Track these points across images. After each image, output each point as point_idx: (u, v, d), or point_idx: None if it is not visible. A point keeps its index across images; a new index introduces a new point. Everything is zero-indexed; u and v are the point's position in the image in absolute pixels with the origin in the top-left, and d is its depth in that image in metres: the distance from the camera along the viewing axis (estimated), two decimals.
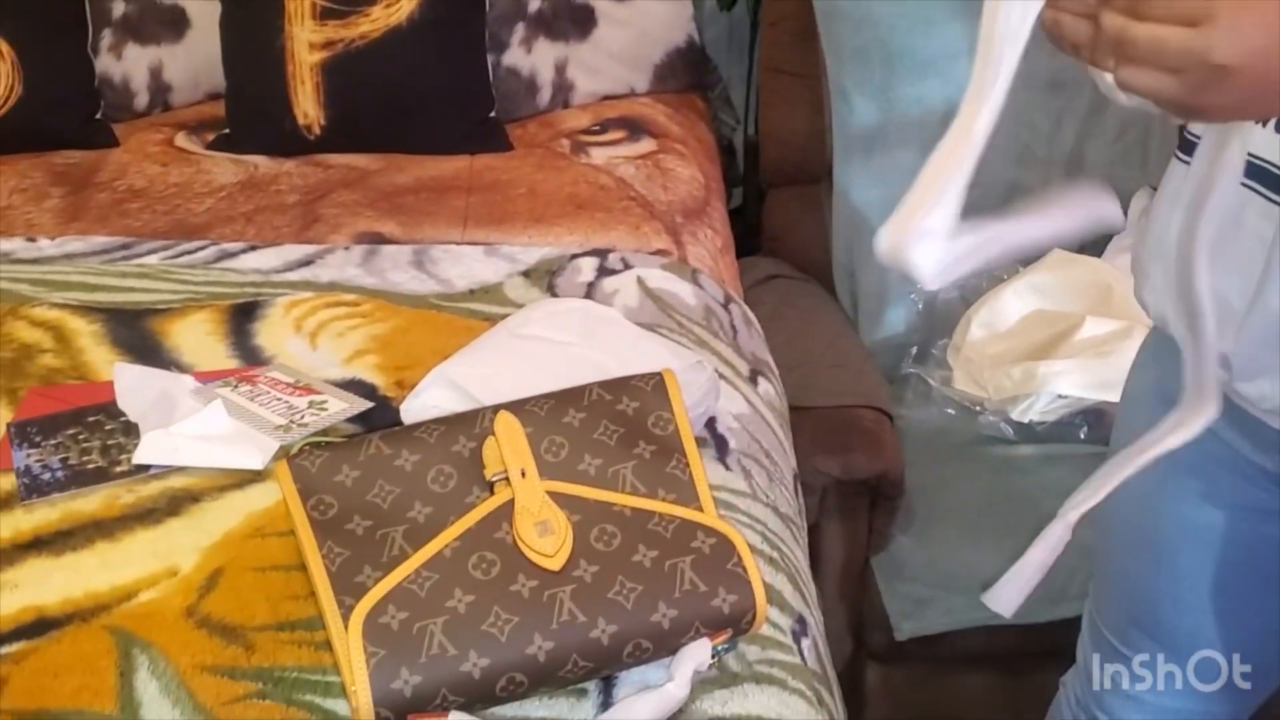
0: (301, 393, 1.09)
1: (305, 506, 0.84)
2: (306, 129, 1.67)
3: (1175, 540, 0.98)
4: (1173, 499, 0.96)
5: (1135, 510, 0.98)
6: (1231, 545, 0.94)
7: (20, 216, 1.50)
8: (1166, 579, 0.99)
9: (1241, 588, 0.96)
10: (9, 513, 0.96)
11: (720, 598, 0.83)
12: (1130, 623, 1.04)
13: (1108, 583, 1.06)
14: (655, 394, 0.93)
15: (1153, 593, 1.01)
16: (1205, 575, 0.97)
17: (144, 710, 0.79)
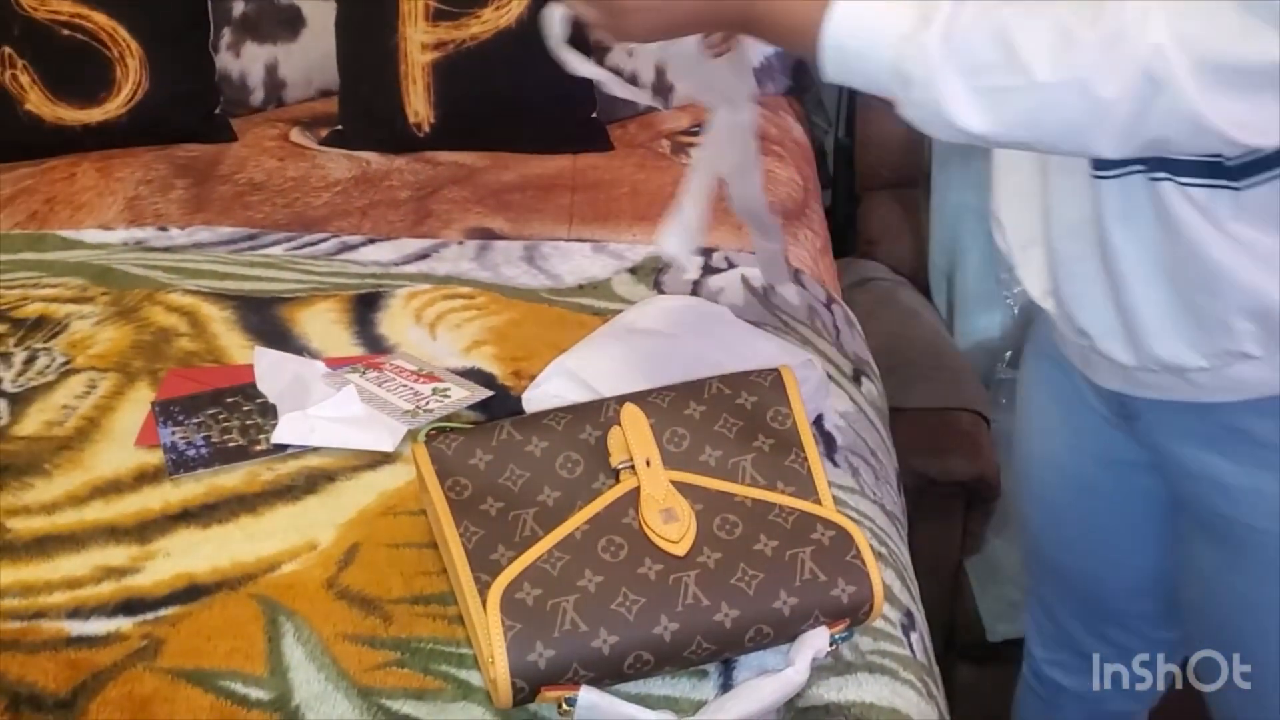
0: (425, 380, 1.14)
1: (443, 487, 0.89)
2: (417, 127, 1.72)
3: (1059, 490, 1.09)
4: (1050, 450, 1.08)
5: (1028, 465, 1.12)
6: (1102, 495, 1.05)
7: (149, 206, 1.57)
8: (1053, 524, 1.12)
9: (1114, 536, 1.07)
10: (158, 486, 1.02)
11: (840, 588, 0.85)
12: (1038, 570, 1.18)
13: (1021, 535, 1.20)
14: (773, 389, 0.96)
15: (1046, 543, 1.14)
16: (1087, 524, 1.09)
17: (292, 674, 0.84)
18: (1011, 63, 0.69)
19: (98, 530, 0.97)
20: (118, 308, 1.29)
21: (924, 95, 0.72)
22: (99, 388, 1.15)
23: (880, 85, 0.74)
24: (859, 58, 0.74)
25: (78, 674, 0.84)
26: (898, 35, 0.72)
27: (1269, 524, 0.87)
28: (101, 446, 1.07)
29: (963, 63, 0.70)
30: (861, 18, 0.73)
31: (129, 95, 1.74)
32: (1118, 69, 0.67)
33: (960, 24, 0.70)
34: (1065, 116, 0.70)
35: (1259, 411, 0.84)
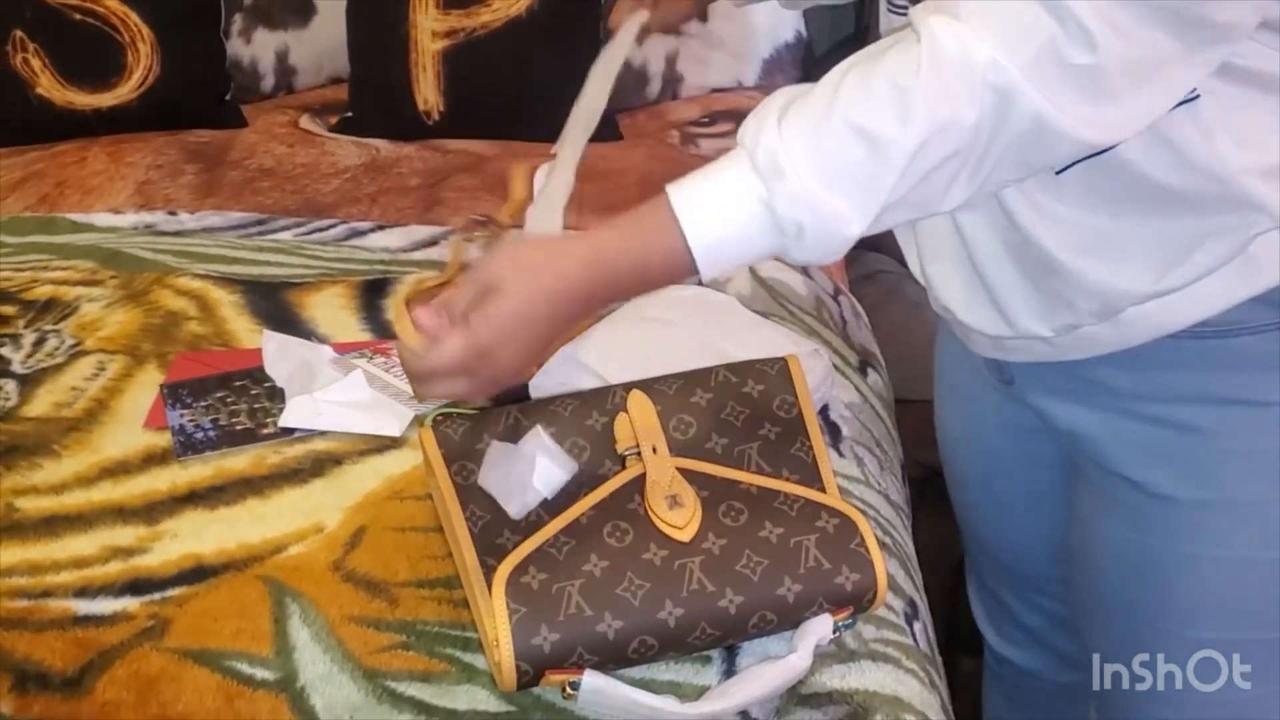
0: None
1: (449, 471, 0.89)
2: (426, 114, 1.73)
3: (970, 463, 1.14)
4: (960, 425, 1.13)
5: (944, 442, 1.16)
6: (1005, 462, 1.08)
7: (159, 191, 1.57)
8: (971, 499, 1.16)
9: (1021, 502, 1.10)
10: (165, 468, 1.03)
11: (844, 576, 0.86)
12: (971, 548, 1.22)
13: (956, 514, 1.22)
14: (780, 378, 0.96)
15: (969, 518, 1.19)
16: (996, 493, 1.13)
17: (297, 654, 0.84)
18: (874, 148, 0.67)
19: (105, 511, 0.98)
20: (127, 291, 1.29)
21: (817, 234, 0.69)
22: (108, 370, 1.16)
23: (757, 250, 0.71)
24: (733, 241, 0.71)
25: (85, 653, 0.84)
26: (755, 196, 0.69)
27: (1133, 472, 0.90)
28: (110, 428, 1.07)
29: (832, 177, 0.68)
30: (706, 202, 0.71)
31: (140, 80, 1.74)
32: (964, 93, 0.66)
33: (805, 146, 0.68)
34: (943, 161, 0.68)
35: (1114, 365, 0.87)
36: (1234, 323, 0.82)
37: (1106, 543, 0.96)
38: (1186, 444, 0.87)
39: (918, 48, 0.67)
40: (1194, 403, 0.86)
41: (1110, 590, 0.98)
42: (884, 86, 0.68)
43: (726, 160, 0.71)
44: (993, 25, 0.66)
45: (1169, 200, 0.78)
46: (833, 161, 0.68)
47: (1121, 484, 0.92)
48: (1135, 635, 0.97)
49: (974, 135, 0.67)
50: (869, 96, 0.68)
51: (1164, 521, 0.90)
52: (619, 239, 0.76)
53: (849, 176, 0.68)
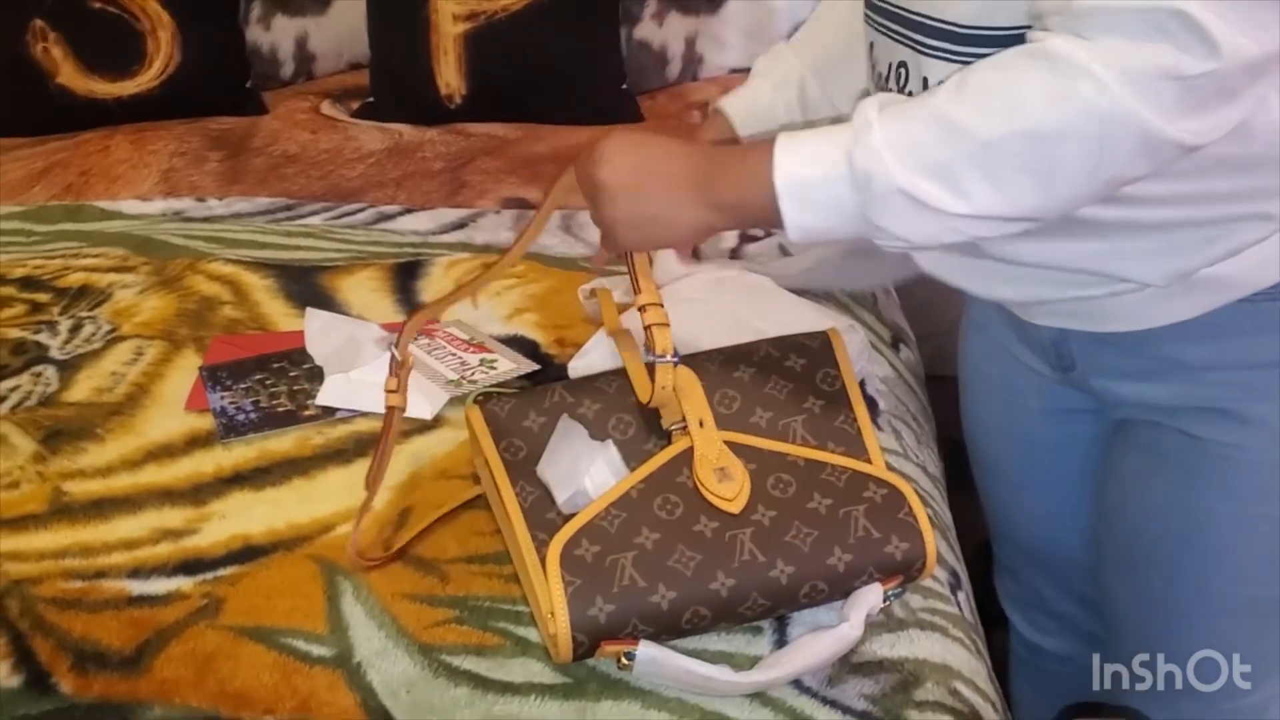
0: (475, 350, 1.14)
1: (498, 448, 0.90)
2: (448, 98, 1.73)
3: (1004, 452, 1.14)
4: (993, 413, 1.13)
5: (975, 433, 1.17)
6: (1045, 448, 1.09)
7: (184, 178, 1.58)
8: (1003, 487, 1.16)
9: (1060, 487, 1.10)
10: (209, 450, 1.03)
11: (893, 545, 0.86)
12: (1000, 537, 1.21)
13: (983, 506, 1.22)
14: (822, 351, 0.96)
15: (1001, 507, 1.18)
16: (1033, 479, 1.12)
17: (352, 631, 0.85)
18: (950, 133, 0.70)
19: (153, 493, 0.98)
20: (160, 277, 1.30)
21: (885, 187, 0.72)
22: (146, 355, 1.16)
23: (841, 204, 0.74)
24: (814, 183, 0.74)
25: (141, 632, 0.85)
26: (843, 146, 0.73)
27: (1198, 429, 0.91)
28: (152, 411, 1.08)
29: (906, 147, 0.71)
30: (802, 147, 0.75)
31: (160, 68, 1.75)
32: (1061, 107, 0.68)
33: (893, 117, 0.72)
34: (1022, 168, 0.70)
35: (1185, 337, 0.87)
36: None
37: (1157, 499, 0.96)
38: (1260, 406, 0.87)
39: (1027, 61, 0.69)
40: (1269, 367, 0.86)
41: (1152, 548, 0.98)
42: (976, 85, 0.71)
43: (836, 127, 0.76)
44: (1113, 44, 0.67)
45: (1242, 168, 0.79)
46: (910, 136, 0.72)
47: (1183, 441, 0.92)
48: (1169, 599, 0.97)
49: (1061, 150, 0.69)
50: (959, 92, 0.71)
51: (1225, 478, 0.90)
52: (727, 154, 0.82)
53: (921, 151, 0.71)
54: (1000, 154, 0.70)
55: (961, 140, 0.70)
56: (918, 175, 0.71)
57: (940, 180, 0.71)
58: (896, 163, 0.71)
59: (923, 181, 0.71)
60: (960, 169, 0.70)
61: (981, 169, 0.70)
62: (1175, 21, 0.65)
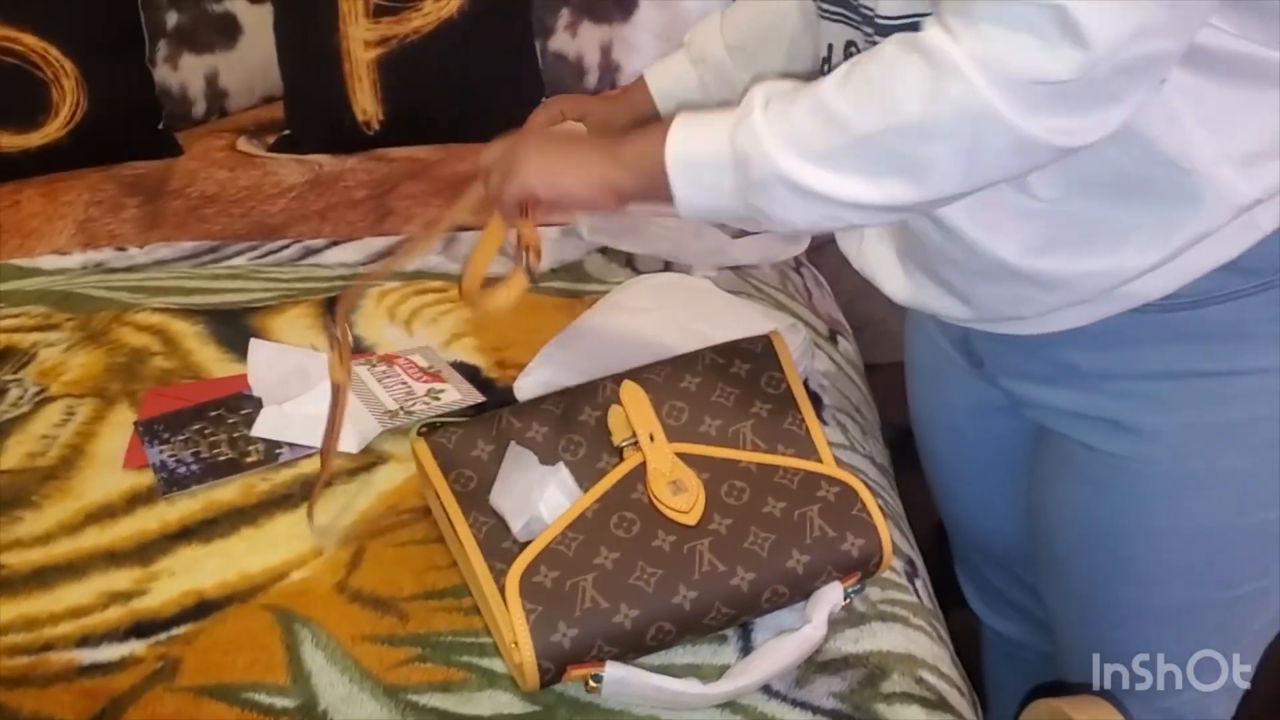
0: (428, 379, 1.13)
1: (448, 480, 0.89)
2: (366, 125, 1.71)
3: (940, 445, 1.15)
4: (928, 406, 1.14)
5: (917, 425, 1.17)
6: (971, 442, 1.09)
7: (102, 228, 1.54)
8: (944, 477, 1.17)
9: (989, 481, 1.10)
10: (152, 506, 1.01)
11: (849, 542, 0.87)
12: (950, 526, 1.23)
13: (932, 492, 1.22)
14: (765, 355, 0.97)
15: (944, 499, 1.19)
16: (965, 473, 1.14)
17: (315, 679, 0.84)
18: (829, 124, 0.71)
19: (97, 556, 0.96)
20: (86, 332, 1.26)
21: (762, 172, 0.73)
22: (78, 414, 1.13)
23: (723, 185, 0.76)
24: (701, 163, 0.76)
25: (95, 702, 0.83)
26: (727, 127, 0.75)
27: (1100, 443, 0.90)
28: (89, 473, 1.05)
29: (786, 135, 0.73)
30: (693, 128, 0.78)
31: (68, 116, 1.70)
32: (933, 105, 0.68)
33: (778, 104, 0.74)
34: (895, 163, 0.71)
35: (1081, 345, 0.87)
36: (1203, 293, 0.81)
37: (1069, 507, 0.96)
38: (1155, 418, 0.87)
39: (904, 54, 0.69)
40: (1162, 378, 0.85)
41: (1069, 554, 0.98)
42: (858, 77, 0.71)
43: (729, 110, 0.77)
44: (990, 38, 0.66)
45: (1140, 188, 0.78)
46: (791, 124, 0.73)
47: (1088, 454, 0.91)
48: (1093, 602, 0.98)
49: (931, 147, 0.69)
50: (842, 83, 0.72)
51: (1129, 491, 0.90)
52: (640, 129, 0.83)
53: (800, 139, 0.73)
54: (874, 148, 0.70)
55: (839, 132, 0.71)
56: (795, 162, 0.72)
57: (817, 168, 0.72)
58: (775, 149, 0.73)
59: (799, 168, 0.72)
60: (837, 160, 0.72)
61: (857, 161, 0.71)
62: (1051, 17, 0.64)
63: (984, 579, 1.23)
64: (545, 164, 0.84)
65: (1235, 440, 0.86)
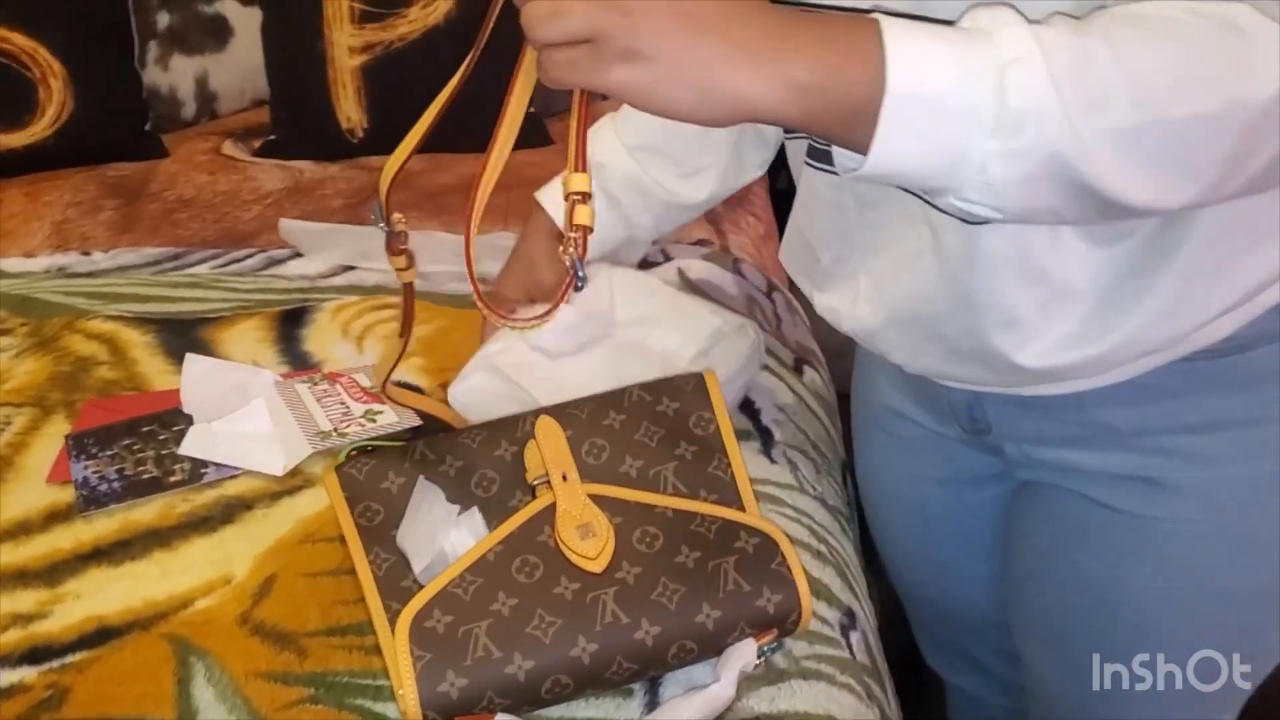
0: (368, 400, 1.10)
1: (353, 514, 0.86)
2: (350, 133, 1.69)
3: (901, 518, 1.09)
4: (887, 479, 1.08)
5: (869, 493, 1.11)
6: (945, 515, 1.03)
7: (76, 230, 1.53)
8: (902, 553, 1.11)
9: (958, 555, 1.06)
10: (69, 524, 0.99)
11: (765, 598, 0.83)
12: (906, 598, 1.16)
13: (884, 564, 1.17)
14: (695, 394, 0.93)
15: (899, 568, 1.13)
16: (933, 548, 1.08)
17: (200, 716, 0.81)
18: (1137, 95, 0.55)
19: (6, 575, 0.94)
20: (37, 338, 1.25)
21: (1038, 139, 0.55)
22: (14, 423, 1.11)
23: (953, 144, 0.56)
24: (937, 107, 0.55)
25: None
26: (988, 67, 0.55)
27: (1127, 505, 0.85)
28: (12, 485, 1.03)
29: (1084, 97, 0.55)
30: (927, 51, 0.56)
31: (54, 116, 1.70)
32: (1263, 88, 0.55)
33: (1062, 49, 0.56)
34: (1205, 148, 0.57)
35: (1116, 401, 0.81)
36: (1255, 335, 0.76)
37: (1076, 578, 0.90)
38: (1193, 474, 0.81)
39: (1217, 31, 0.56)
40: (1202, 431, 0.80)
41: (1074, 625, 0.93)
42: (1160, 48, 0.56)
43: (947, 28, 0.58)
44: None
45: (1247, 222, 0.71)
46: (1090, 84, 0.55)
47: (1108, 516, 0.86)
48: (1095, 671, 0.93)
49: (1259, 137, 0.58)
50: (1137, 52, 0.56)
51: (1157, 554, 0.84)
52: (821, 19, 0.59)
53: (1101, 106, 0.55)
54: (1188, 133, 0.56)
55: (1144, 108, 0.55)
56: (1091, 137, 0.55)
57: (1111, 149, 0.55)
58: (1075, 114, 0.54)
59: (1093, 145, 0.55)
60: (1134, 142, 0.56)
61: (1156, 146, 0.56)
62: None
63: (942, 639, 1.18)
64: (662, 55, 0.56)
65: (1276, 494, 0.81)
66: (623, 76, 0.56)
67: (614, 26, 0.55)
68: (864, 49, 0.55)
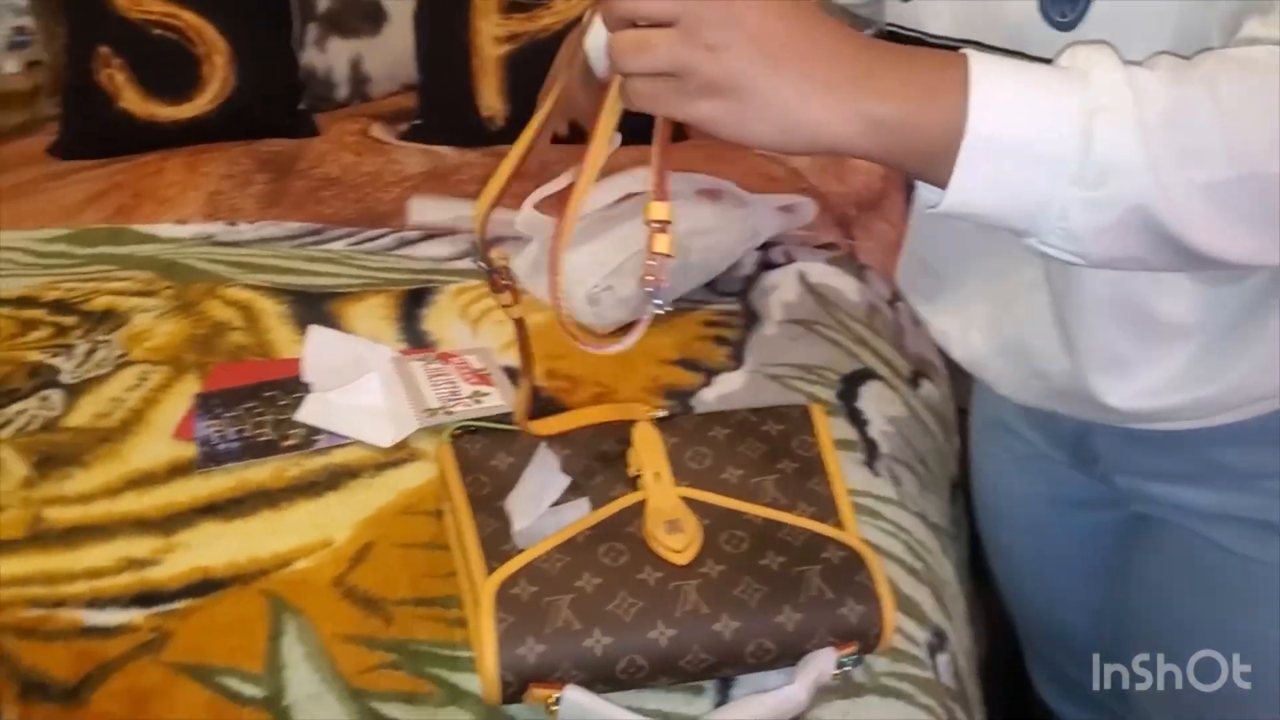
0: (477, 381, 1.13)
1: (463, 481, 0.89)
2: (489, 120, 1.72)
3: (1012, 535, 1.07)
4: (999, 497, 1.06)
5: (982, 511, 1.09)
6: (1058, 538, 1.01)
7: (227, 202, 1.60)
8: (1012, 571, 1.08)
9: (1068, 576, 1.02)
10: (188, 479, 1.03)
11: (848, 607, 0.81)
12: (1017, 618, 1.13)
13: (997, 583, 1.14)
14: (800, 420, 0.94)
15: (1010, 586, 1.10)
16: (1040, 567, 1.05)
17: (286, 672, 0.84)
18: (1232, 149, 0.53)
19: (126, 522, 0.99)
20: (180, 301, 1.31)
21: (1125, 189, 0.53)
22: (149, 380, 1.17)
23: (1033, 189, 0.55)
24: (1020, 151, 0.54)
25: (86, 664, 0.85)
26: (1076, 112, 0.53)
27: (1244, 548, 0.81)
28: (142, 439, 1.09)
29: (1178, 149, 0.53)
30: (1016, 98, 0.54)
31: (216, 92, 1.78)
32: None
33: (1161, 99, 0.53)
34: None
35: (1237, 440, 0.77)
36: None
37: (1191, 619, 0.87)
38: None
39: None
40: None
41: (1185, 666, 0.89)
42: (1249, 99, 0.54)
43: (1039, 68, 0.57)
44: None
45: None
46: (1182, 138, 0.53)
47: (1222, 557, 0.82)
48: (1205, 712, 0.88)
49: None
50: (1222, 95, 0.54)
51: (1273, 602, 0.80)
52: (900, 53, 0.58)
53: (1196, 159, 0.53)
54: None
55: (1239, 161, 0.53)
56: (1185, 191, 0.53)
57: (1201, 203, 0.54)
58: (1164, 169, 0.53)
59: (1182, 200, 0.53)
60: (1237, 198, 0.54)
61: (1260, 203, 0.54)
62: None
63: (1048, 662, 1.14)
64: (740, 85, 0.55)
65: None
66: (706, 110, 0.57)
67: (698, 62, 0.56)
68: (949, 88, 0.55)
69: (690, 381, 1.15)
